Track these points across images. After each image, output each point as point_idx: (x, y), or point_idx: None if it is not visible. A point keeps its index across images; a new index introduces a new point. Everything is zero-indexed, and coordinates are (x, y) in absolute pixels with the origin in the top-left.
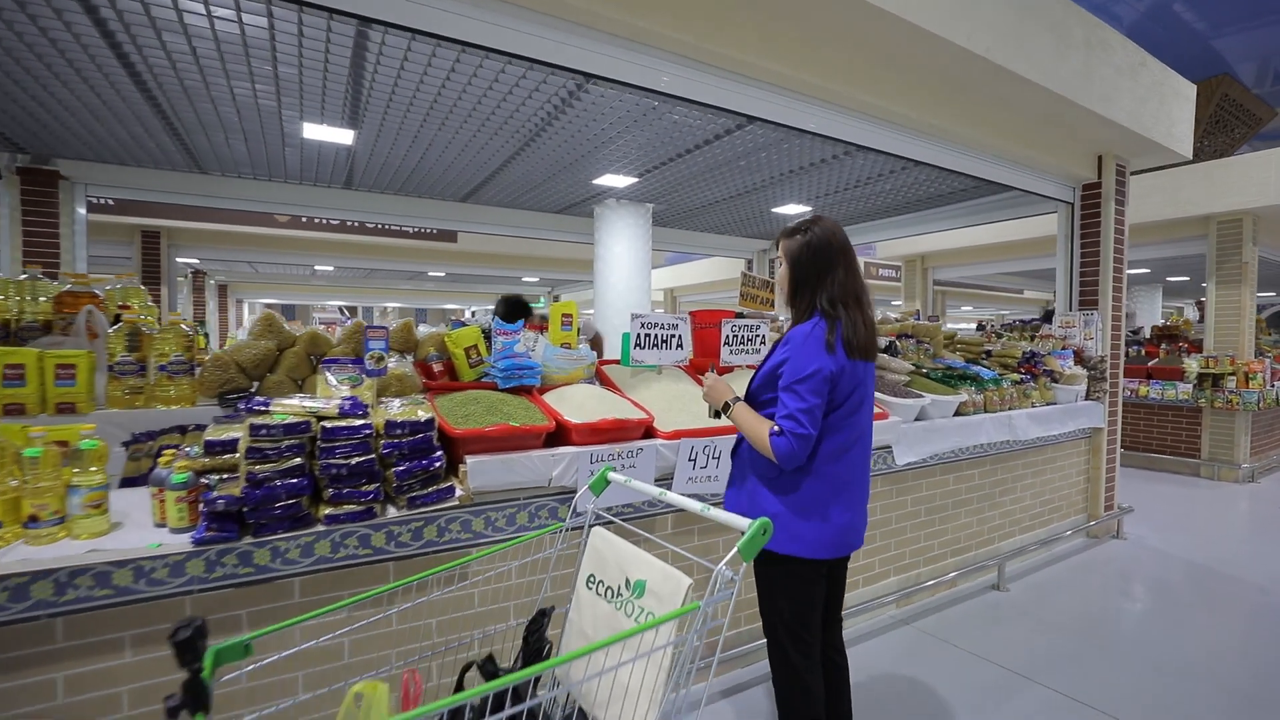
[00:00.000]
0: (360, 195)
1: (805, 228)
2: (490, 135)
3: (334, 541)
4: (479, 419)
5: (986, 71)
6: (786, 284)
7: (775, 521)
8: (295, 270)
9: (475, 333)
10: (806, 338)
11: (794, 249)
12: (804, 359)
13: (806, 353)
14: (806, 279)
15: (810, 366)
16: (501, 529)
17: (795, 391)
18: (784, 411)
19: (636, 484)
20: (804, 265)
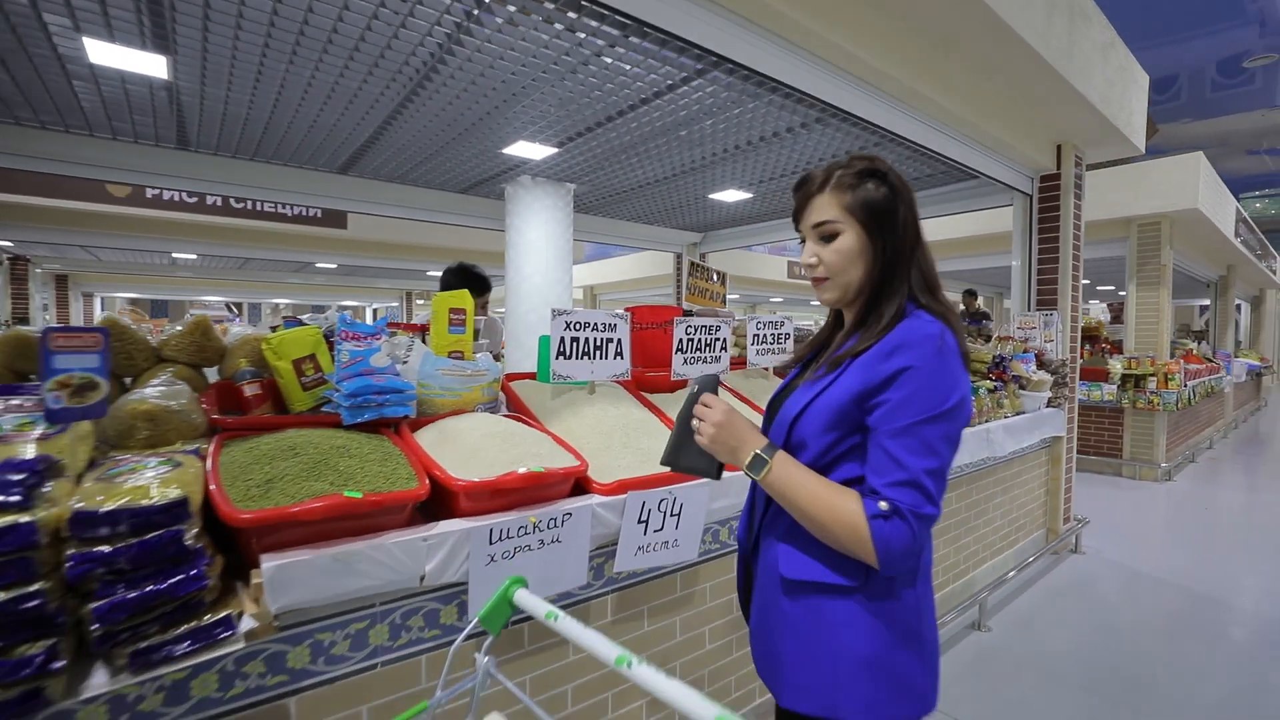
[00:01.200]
0: (207, 160)
1: (877, 171)
2: (362, 78)
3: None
4: (290, 487)
5: (980, 22)
6: (862, 260)
7: (871, 672)
8: (147, 258)
9: (311, 337)
10: (940, 347)
11: (878, 203)
12: (941, 382)
13: (944, 372)
14: (901, 253)
15: (953, 396)
16: (343, 658)
17: (922, 439)
18: (897, 474)
19: (567, 625)
20: (900, 229)
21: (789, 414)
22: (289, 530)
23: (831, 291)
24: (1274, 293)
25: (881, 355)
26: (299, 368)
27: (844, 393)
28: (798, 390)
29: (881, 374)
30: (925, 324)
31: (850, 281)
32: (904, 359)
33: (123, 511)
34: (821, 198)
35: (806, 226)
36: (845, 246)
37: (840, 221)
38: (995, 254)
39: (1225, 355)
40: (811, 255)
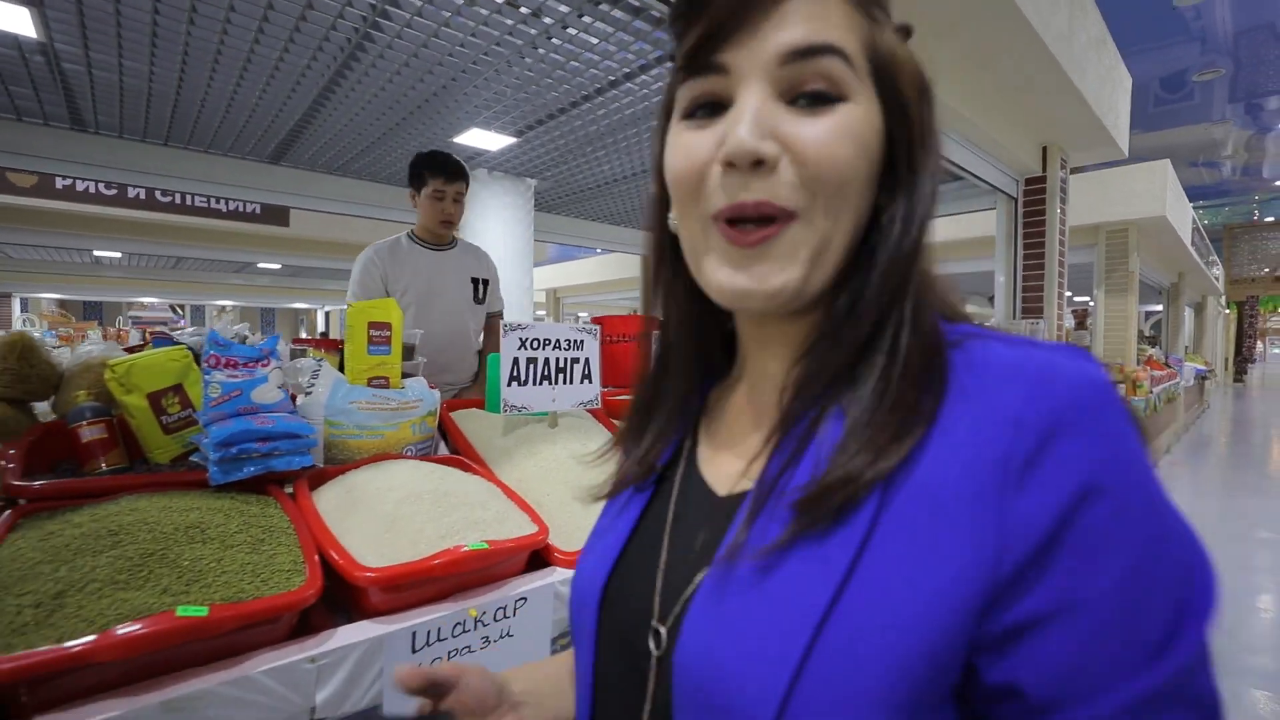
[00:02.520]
0: (111, 143)
1: (904, 25)
2: (282, 47)
3: None
4: (89, 604)
5: (989, 3)
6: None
7: None
8: (65, 256)
9: (176, 362)
10: (1126, 419)
11: (912, 73)
12: (1169, 518)
13: (1161, 495)
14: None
15: (1198, 559)
16: None
17: (1200, 705)
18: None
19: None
20: (933, 143)
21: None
22: (81, 674)
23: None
24: (1213, 299)
25: (1011, 463)
26: (158, 403)
27: (920, 604)
28: (712, 590)
29: (1034, 520)
30: (1058, 350)
31: (833, 239)
32: (1086, 451)
33: None
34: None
35: (757, 55)
36: (854, 129)
37: (853, 69)
38: (962, 260)
39: (1178, 360)
40: (767, 136)
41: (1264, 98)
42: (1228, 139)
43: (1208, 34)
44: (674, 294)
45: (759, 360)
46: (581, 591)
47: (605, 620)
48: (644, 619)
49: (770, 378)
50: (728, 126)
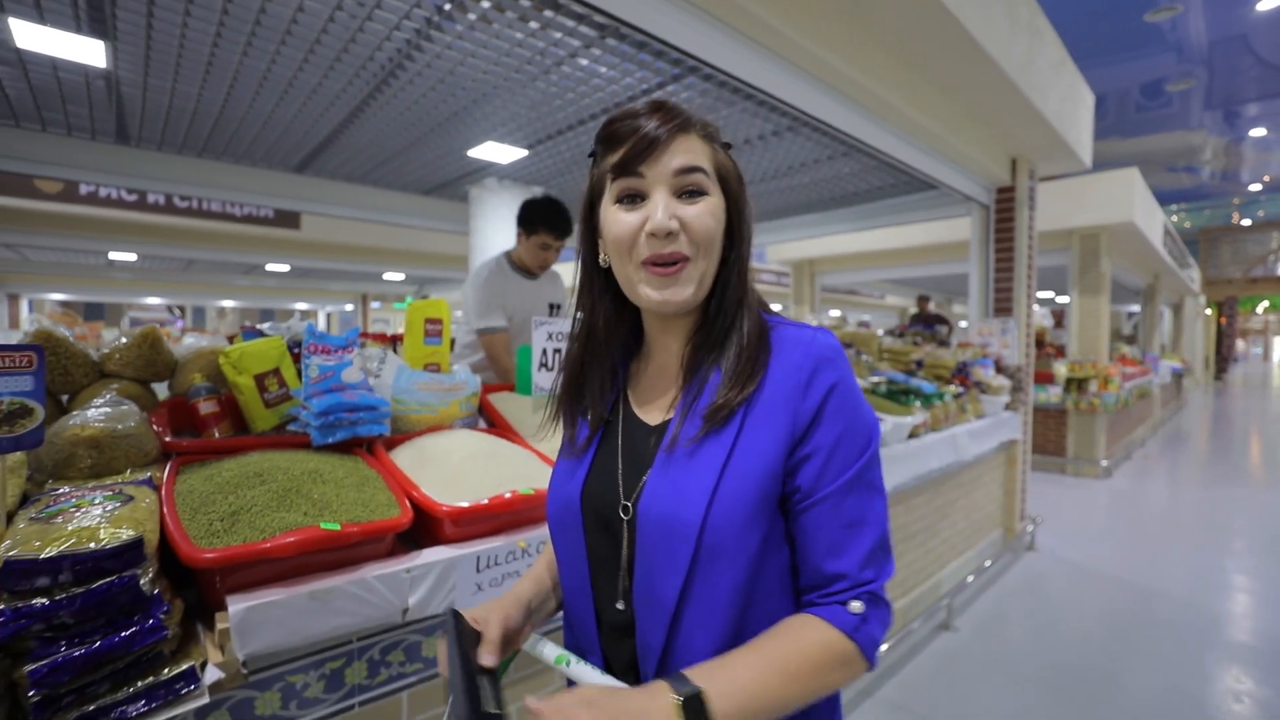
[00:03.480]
0: (151, 156)
1: (728, 144)
2: (323, 72)
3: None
4: (259, 520)
5: (950, 38)
6: (718, 245)
7: None
8: (81, 258)
9: (275, 349)
10: (846, 360)
11: (738, 181)
12: (866, 409)
13: (859, 393)
14: (745, 252)
15: (877, 426)
16: (317, 701)
17: (872, 486)
18: (865, 545)
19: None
20: (748, 222)
21: (688, 512)
22: (259, 568)
23: (687, 284)
24: (1191, 299)
25: (797, 387)
26: (261, 383)
27: (764, 459)
28: (660, 470)
29: (806, 412)
30: (814, 332)
31: (708, 272)
32: (826, 379)
33: (65, 558)
34: (688, 139)
35: (660, 172)
36: (716, 211)
37: (710, 177)
38: (945, 262)
39: (1153, 358)
40: (670, 217)
41: (1237, 106)
42: (1205, 145)
43: (1183, 45)
44: (603, 302)
45: (663, 342)
46: (567, 498)
47: (587, 512)
48: (614, 502)
49: (673, 352)
50: (649, 212)
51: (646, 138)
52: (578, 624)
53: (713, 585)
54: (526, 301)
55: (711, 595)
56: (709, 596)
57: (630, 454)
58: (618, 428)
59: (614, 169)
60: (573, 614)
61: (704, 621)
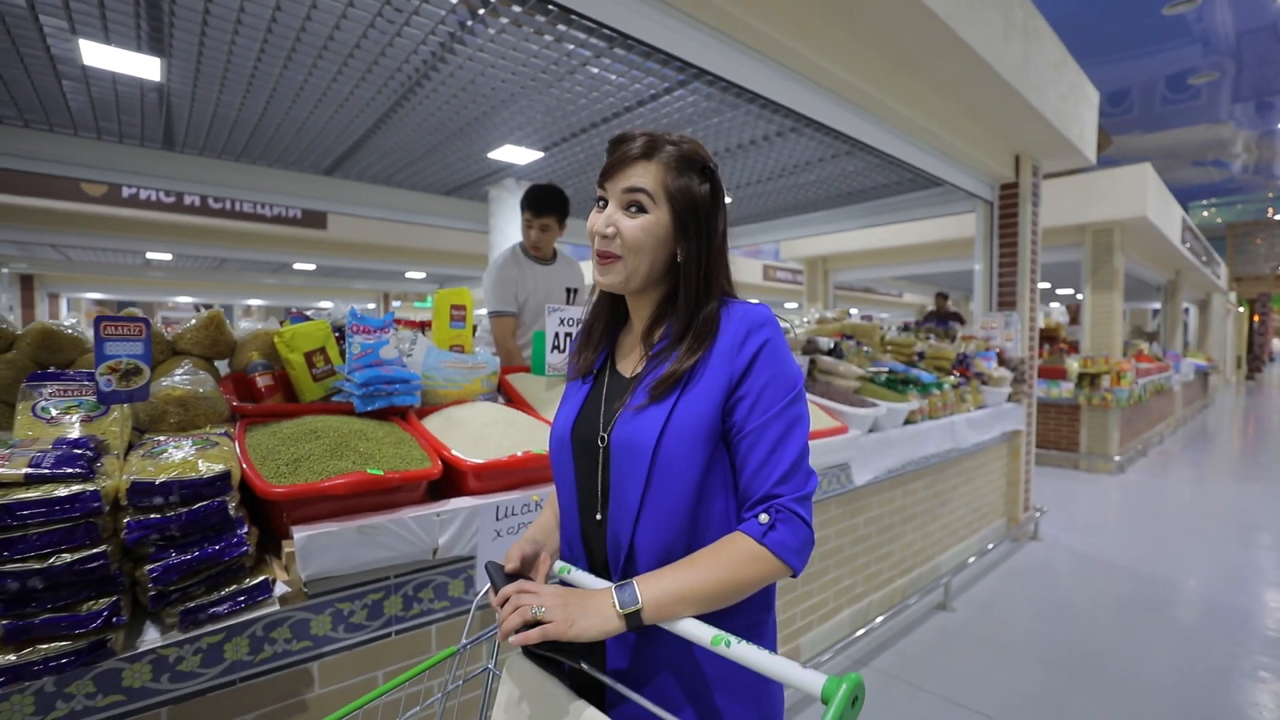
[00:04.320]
0: (192, 161)
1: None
2: (355, 82)
3: (40, 695)
4: (316, 465)
5: (944, 43)
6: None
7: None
8: (120, 258)
9: (322, 331)
10: (778, 326)
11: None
12: (791, 364)
13: (787, 352)
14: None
15: (800, 377)
16: (361, 626)
17: (789, 420)
18: (781, 467)
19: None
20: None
21: (643, 440)
22: (318, 505)
23: (617, 274)
24: (1219, 296)
25: (734, 347)
26: (310, 360)
27: (705, 401)
28: (628, 410)
29: (740, 365)
30: (754, 306)
31: (640, 269)
32: (756, 340)
33: (174, 482)
34: (640, 165)
35: (615, 189)
36: (649, 226)
37: (654, 198)
38: (958, 258)
39: (1174, 355)
40: (608, 224)
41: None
42: (1235, 138)
43: (1209, 37)
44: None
45: (637, 315)
46: (560, 433)
47: (575, 442)
48: (595, 434)
49: (642, 323)
50: (599, 218)
51: (615, 160)
52: (568, 534)
53: (665, 492)
54: (541, 286)
55: (664, 500)
56: (663, 502)
57: (609, 397)
58: (604, 379)
59: (599, 176)
60: (565, 527)
61: (659, 521)
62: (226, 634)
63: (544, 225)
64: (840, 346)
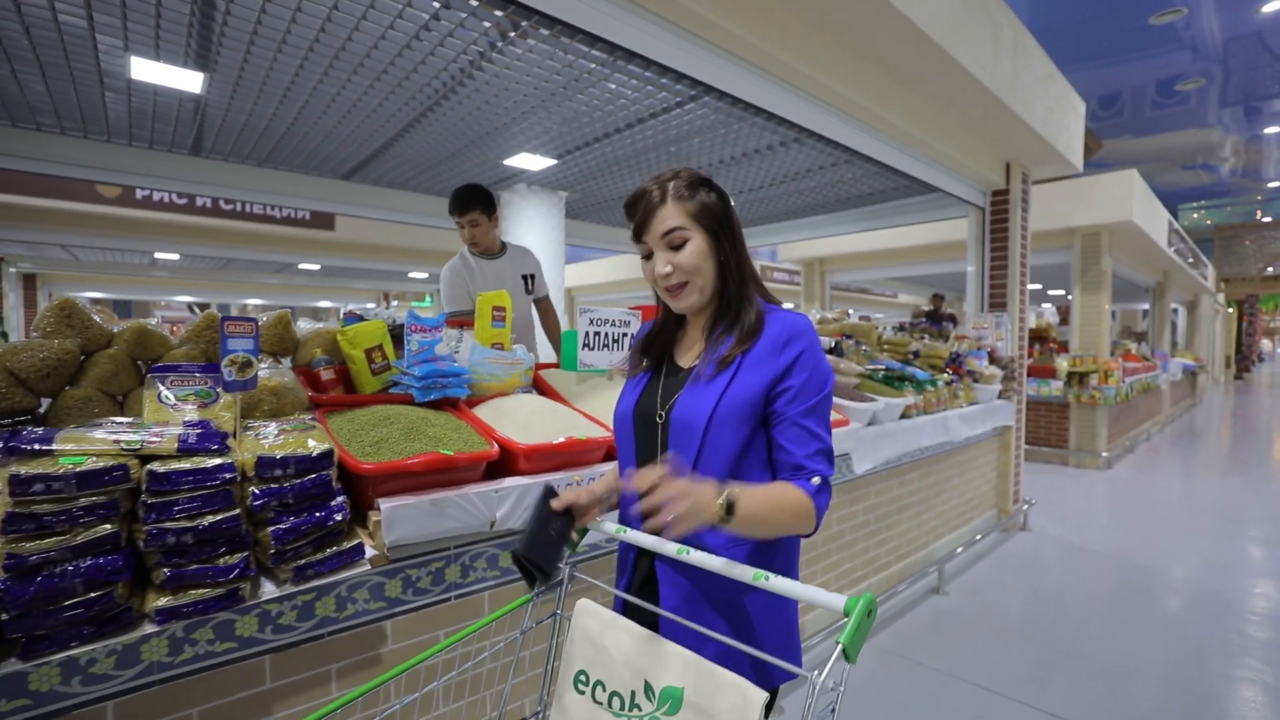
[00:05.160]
0: (213, 165)
1: (706, 180)
2: (385, 94)
3: (173, 639)
4: (396, 446)
5: (936, 61)
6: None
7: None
8: (128, 258)
9: (380, 330)
10: (816, 335)
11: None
12: (824, 364)
13: (823, 356)
14: (740, 253)
15: (831, 377)
16: (426, 590)
17: (821, 415)
18: (815, 445)
19: (637, 535)
20: (735, 231)
21: (698, 415)
22: (398, 480)
23: (692, 296)
24: (1207, 297)
25: (776, 347)
26: (370, 356)
27: (751, 388)
28: (686, 392)
29: (783, 364)
30: (796, 315)
31: (706, 283)
32: (798, 346)
33: (291, 458)
34: (664, 209)
35: (654, 238)
36: (696, 249)
37: (687, 228)
38: (950, 261)
39: (1162, 355)
40: (666, 265)
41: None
42: (1222, 142)
43: (1196, 44)
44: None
45: (695, 323)
46: (624, 409)
47: (638, 416)
48: (654, 412)
49: (700, 328)
50: (656, 264)
51: (642, 216)
52: (627, 499)
53: (712, 459)
54: (491, 278)
55: (711, 466)
56: (711, 467)
57: (668, 383)
58: (662, 370)
59: (633, 236)
60: (625, 492)
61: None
62: (317, 593)
63: (472, 221)
64: (840, 345)
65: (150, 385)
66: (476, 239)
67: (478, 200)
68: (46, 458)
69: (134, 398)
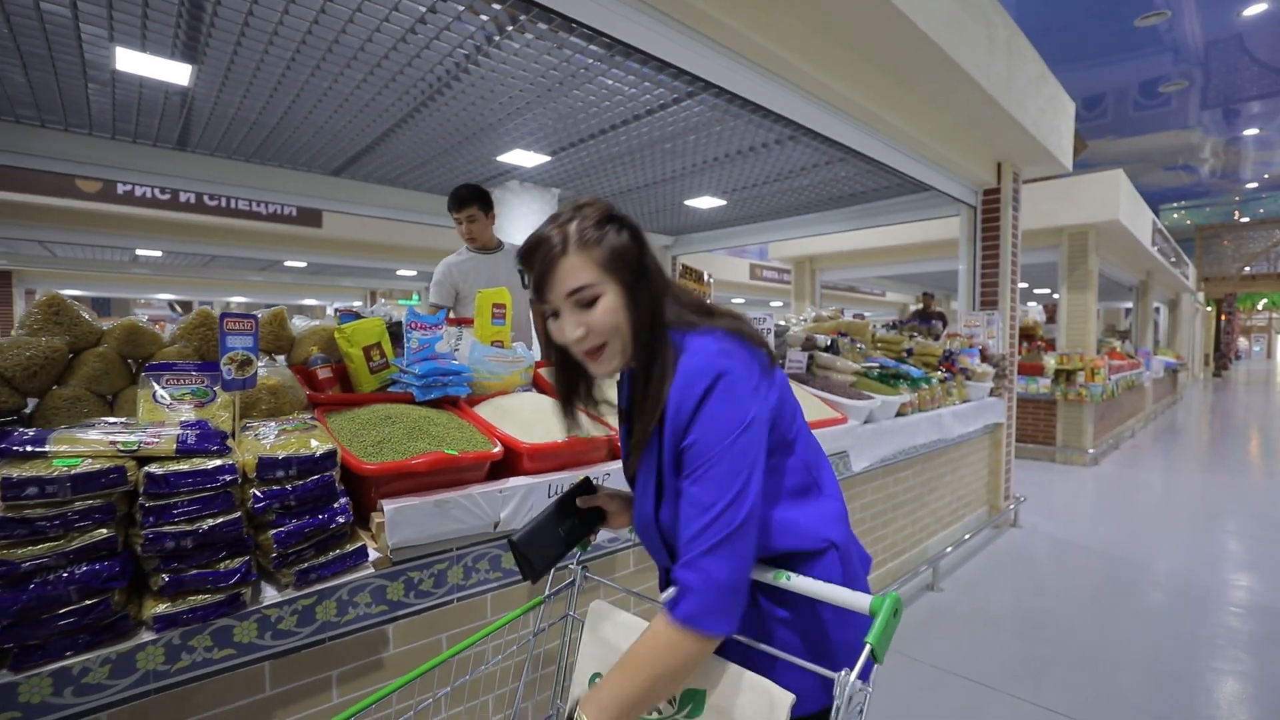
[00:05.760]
0: (198, 160)
1: (614, 217)
2: (379, 89)
3: (169, 647)
4: (399, 446)
5: (933, 61)
6: (629, 313)
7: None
8: (108, 255)
9: (378, 327)
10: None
11: (628, 249)
12: (726, 413)
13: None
14: (656, 295)
15: (744, 416)
16: (429, 593)
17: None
18: (697, 524)
19: None
20: (651, 271)
21: (647, 521)
22: (402, 481)
23: (614, 359)
24: (1188, 296)
25: (676, 403)
26: (368, 354)
27: (672, 465)
28: (639, 479)
29: (683, 421)
30: (698, 350)
31: (626, 340)
32: (694, 395)
33: (294, 458)
34: (568, 261)
35: (557, 296)
36: (612, 305)
37: (598, 283)
38: (939, 259)
39: (1145, 353)
40: (578, 327)
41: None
42: (1203, 144)
43: (1179, 46)
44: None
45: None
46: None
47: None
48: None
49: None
50: (563, 327)
51: (540, 271)
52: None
53: None
54: (485, 274)
55: None
56: None
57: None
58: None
59: (532, 294)
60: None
61: None
62: (318, 597)
63: (470, 216)
64: (836, 343)
65: (144, 384)
66: (474, 234)
67: (475, 197)
68: (39, 460)
69: (124, 397)
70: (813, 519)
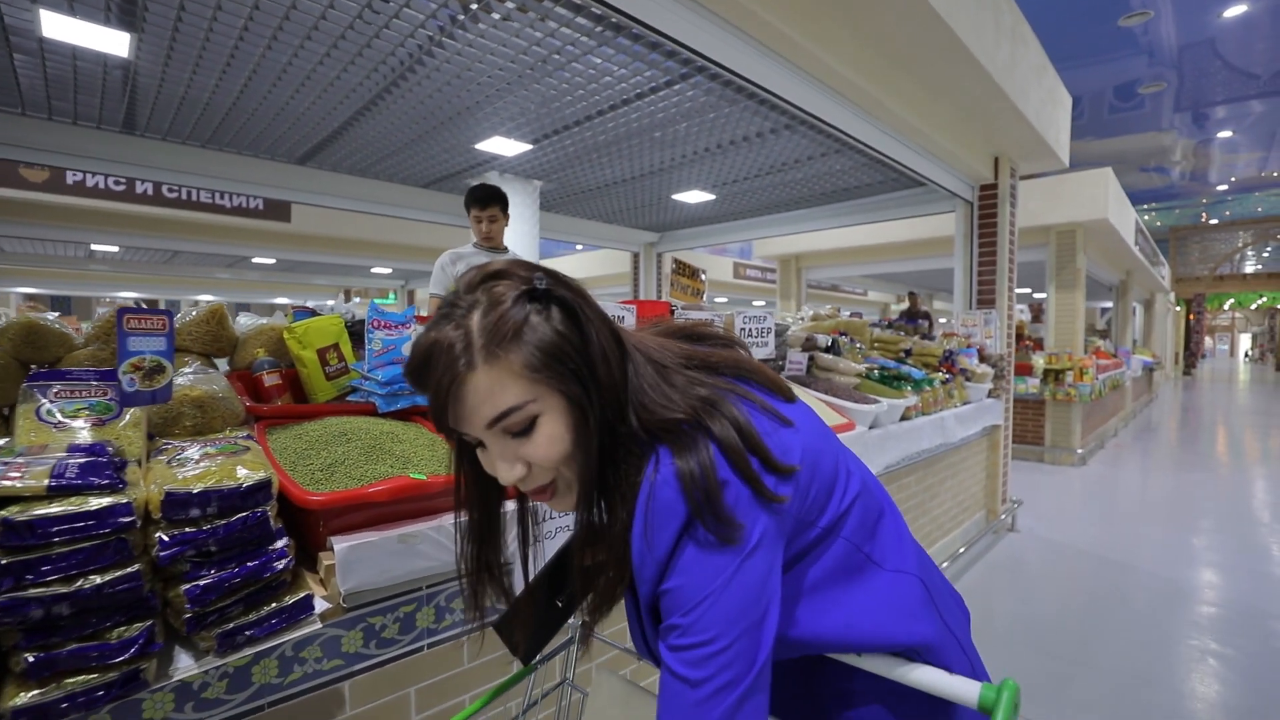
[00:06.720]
0: (150, 145)
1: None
2: (343, 66)
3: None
4: (354, 470)
5: (940, 42)
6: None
7: None
8: (61, 250)
9: (336, 326)
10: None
11: (564, 338)
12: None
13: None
14: (615, 387)
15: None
16: (393, 640)
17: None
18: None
19: None
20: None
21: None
22: (358, 512)
23: (569, 495)
24: (1162, 296)
25: (640, 530)
26: (323, 357)
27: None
28: None
29: (659, 558)
30: (664, 475)
31: (580, 470)
32: (666, 536)
33: (213, 493)
34: (477, 379)
35: (475, 425)
36: (555, 432)
37: (531, 400)
38: (926, 257)
39: (1125, 352)
40: (514, 463)
41: (1205, 108)
42: (1175, 146)
43: (1154, 48)
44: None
45: None
46: None
47: None
48: None
49: None
50: (493, 462)
51: (444, 399)
52: None
53: None
54: None
55: None
56: None
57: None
58: None
59: (435, 424)
60: None
61: None
62: (254, 657)
63: (491, 216)
64: (837, 343)
65: (26, 398)
66: (492, 234)
67: (499, 198)
68: None
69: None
70: (875, 616)
